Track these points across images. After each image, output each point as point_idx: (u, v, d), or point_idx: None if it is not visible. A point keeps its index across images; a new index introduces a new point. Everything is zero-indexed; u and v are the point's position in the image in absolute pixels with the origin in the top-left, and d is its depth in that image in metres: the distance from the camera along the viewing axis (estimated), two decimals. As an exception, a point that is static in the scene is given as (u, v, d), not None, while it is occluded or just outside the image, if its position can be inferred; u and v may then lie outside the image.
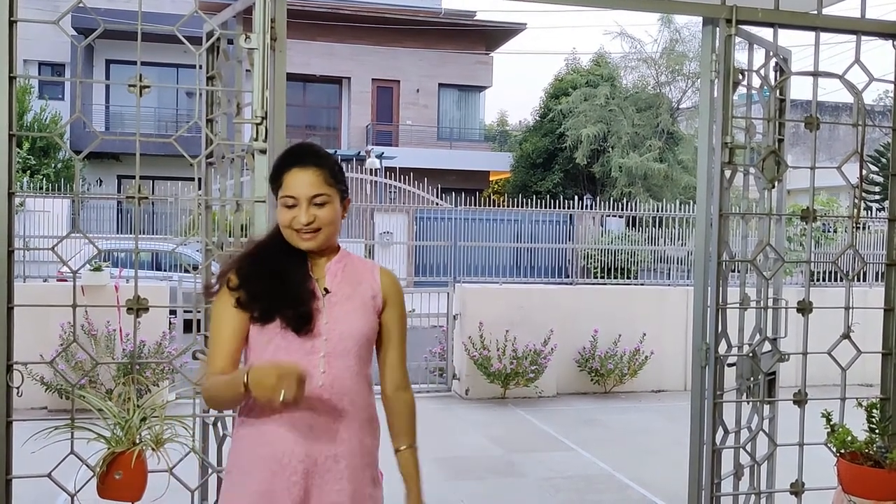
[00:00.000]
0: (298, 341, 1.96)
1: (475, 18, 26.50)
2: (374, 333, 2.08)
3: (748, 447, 3.64)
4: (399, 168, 18.08)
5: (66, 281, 9.44)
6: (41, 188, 15.00)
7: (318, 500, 1.96)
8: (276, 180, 2.03)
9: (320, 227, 1.98)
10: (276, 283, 1.98)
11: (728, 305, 3.49)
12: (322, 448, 1.96)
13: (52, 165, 19.79)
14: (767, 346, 3.67)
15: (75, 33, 18.60)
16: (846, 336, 3.55)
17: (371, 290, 2.09)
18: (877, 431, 3.32)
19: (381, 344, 2.13)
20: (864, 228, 13.00)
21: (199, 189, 3.28)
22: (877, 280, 10.42)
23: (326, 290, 2.02)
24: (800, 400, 3.53)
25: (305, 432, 1.94)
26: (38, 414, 6.46)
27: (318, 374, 1.96)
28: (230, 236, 3.34)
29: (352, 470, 1.99)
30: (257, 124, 2.84)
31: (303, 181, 1.98)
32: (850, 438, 3.17)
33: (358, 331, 2.03)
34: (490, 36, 27.45)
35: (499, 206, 18.75)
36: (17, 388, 2.85)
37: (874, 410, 3.39)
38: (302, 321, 1.96)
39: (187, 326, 7.07)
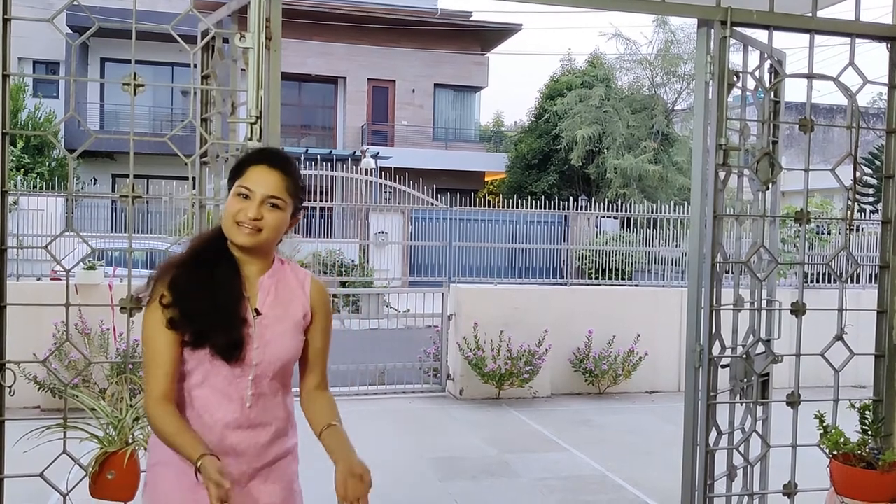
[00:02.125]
0: (227, 368, 1.93)
1: (471, 19, 26.50)
2: (300, 352, 2.06)
3: (741, 448, 3.65)
4: (394, 168, 18.08)
5: (59, 280, 9.41)
6: (35, 186, 14.94)
7: None
8: (238, 171, 1.97)
9: (263, 228, 1.93)
10: (207, 303, 1.92)
11: (722, 307, 3.50)
12: (251, 462, 1.98)
13: (47, 164, 19.73)
14: (761, 348, 3.68)
15: (70, 31, 18.54)
16: (839, 338, 3.56)
17: (302, 308, 2.05)
18: (869, 433, 3.34)
19: (304, 351, 2.08)
20: (857, 230, 13.04)
21: (194, 188, 3.28)
22: (870, 282, 10.45)
23: (258, 312, 1.98)
24: (793, 401, 3.54)
25: (232, 448, 1.95)
26: (30, 413, 6.44)
27: (246, 396, 1.96)
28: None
29: (278, 472, 2.03)
30: (252, 124, 2.84)
31: (265, 178, 1.94)
32: (842, 440, 3.18)
33: (287, 353, 2.01)
34: (486, 36, 27.45)
35: (494, 206, 18.78)
36: (10, 387, 2.84)
37: (867, 412, 3.41)
38: (232, 351, 1.92)
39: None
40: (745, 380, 3.66)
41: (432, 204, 15.68)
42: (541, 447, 6.25)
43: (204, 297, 1.92)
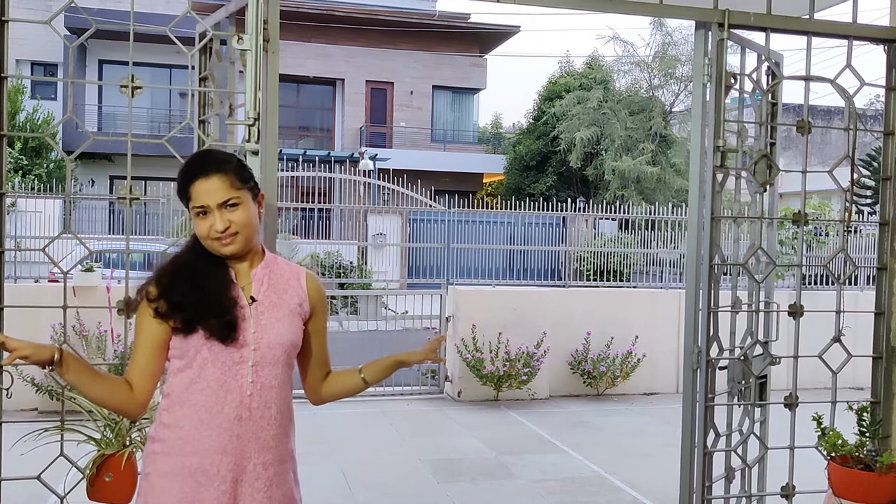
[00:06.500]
0: (226, 351, 1.93)
1: (469, 21, 26.52)
2: (300, 340, 2.07)
3: (739, 450, 3.65)
4: (392, 170, 18.11)
5: (57, 282, 9.40)
6: (33, 188, 14.93)
7: None
8: (184, 194, 2.00)
9: (237, 230, 1.96)
10: (196, 291, 1.95)
11: (720, 309, 3.50)
12: (250, 456, 1.95)
13: (44, 165, 19.71)
14: (759, 350, 3.68)
15: (68, 33, 18.53)
16: (837, 339, 3.56)
17: (297, 297, 2.07)
18: (867, 435, 3.34)
19: (306, 348, 2.12)
20: (855, 232, 13.05)
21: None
22: (868, 284, 10.46)
23: (253, 299, 2.00)
24: (791, 403, 3.54)
25: (234, 441, 1.93)
26: (28, 415, 6.43)
27: (246, 384, 1.95)
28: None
29: (278, 475, 2.01)
30: (250, 125, 2.83)
31: (209, 190, 1.95)
32: (840, 442, 3.18)
33: (286, 339, 2.01)
34: (484, 38, 27.46)
35: (492, 208, 18.75)
36: (8, 389, 2.84)
37: (865, 414, 3.41)
38: (226, 330, 1.93)
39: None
40: (743, 381, 3.66)
41: (430, 205, 15.67)
42: (539, 449, 6.25)
43: (190, 286, 1.96)
